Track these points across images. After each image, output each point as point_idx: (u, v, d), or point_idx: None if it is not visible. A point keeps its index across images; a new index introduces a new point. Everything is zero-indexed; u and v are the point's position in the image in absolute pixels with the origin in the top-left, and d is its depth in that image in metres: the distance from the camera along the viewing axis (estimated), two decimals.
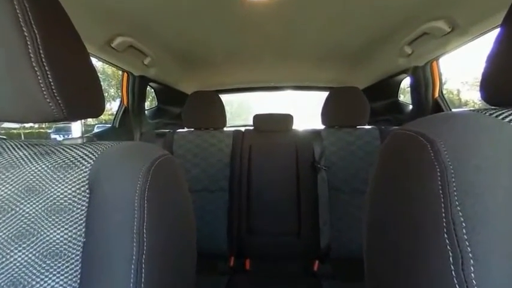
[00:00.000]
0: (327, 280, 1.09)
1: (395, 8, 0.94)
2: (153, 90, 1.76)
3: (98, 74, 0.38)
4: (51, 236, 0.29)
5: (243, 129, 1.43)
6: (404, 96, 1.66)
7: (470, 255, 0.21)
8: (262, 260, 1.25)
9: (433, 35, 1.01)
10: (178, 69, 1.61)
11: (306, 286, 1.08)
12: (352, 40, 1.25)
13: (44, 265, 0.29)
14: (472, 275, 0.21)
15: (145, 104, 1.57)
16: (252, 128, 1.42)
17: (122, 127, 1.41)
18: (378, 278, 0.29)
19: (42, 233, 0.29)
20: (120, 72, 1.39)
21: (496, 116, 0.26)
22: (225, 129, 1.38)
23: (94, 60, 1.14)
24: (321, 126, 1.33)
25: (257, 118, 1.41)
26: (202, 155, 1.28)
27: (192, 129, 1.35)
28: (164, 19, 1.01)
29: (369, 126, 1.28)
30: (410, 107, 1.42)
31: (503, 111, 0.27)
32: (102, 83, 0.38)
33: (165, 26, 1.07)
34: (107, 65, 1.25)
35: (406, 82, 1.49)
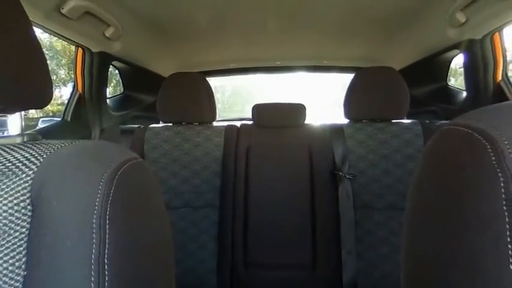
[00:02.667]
0: None
1: None
2: (117, 71, 1.76)
3: (44, 50, 0.38)
4: None
5: (238, 124, 1.43)
6: (456, 79, 1.66)
7: None
8: None
9: None
10: (151, 44, 1.61)
11: None
12: (386, 2, 1.25)
13: None
14: None
15: (108, 90, 1.57)
16: (250, 122, 1.43)
17: (75, 121, 1.40)
18: None
19: None
20: (74, 48, 1.39)
21: None
22: (214, 123, 1.38)
23: (38, 32, 1.14)
24: (344, 121, 1.33)
25: (258, 109, 1.41)
26: (184, 160, 1.27)
27: (170, 124, 1.35)
28: None
29: (409, 121, 1.29)
30: (464, 94, 1.44)
31: None
32: (49, 63, 0.39)
33: None
34: (56, 38, 1.25)
35: (458, 61, 1.50)
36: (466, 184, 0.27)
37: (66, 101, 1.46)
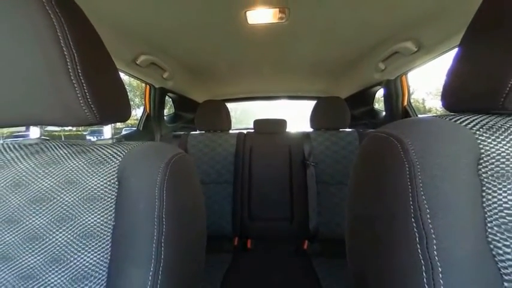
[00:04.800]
0: (315, 257, 1.09)
1: (371, 31, 0.94)
2: (170, 99, 1.76)
3: (125, 86, 0.38)
4: (87, 220, 0.30)
5: (245, 131, 1.43)
6: (379, 104, 1.65)
7: (433, 235, 0.21)
8: (261, 241, 1.24)
9: (403, 54, 1.01)
10: (191, 82, 1.60)
11: (297, 262, 1.08)
12: (336, 58, 1.25)
13: (80, 244, 0.29)
14: (435, 252, 0.21)
15: (164, 110, 1.57)
16: (252, 130, 1.42)
17: (145, 130, 1.41)
18: (357, 257, 0.29)
19: (79, 217, 0.30)
20: (144, 85, 1.39)
21: (455, 121, 0.27)
22: (230, 131, 1.37)
23: (122, 75, 1.15)
24: (310, 129, 1.33)
25: (257, 122, 1.40)
26: (211, 153, 1.27)
27: (203, 132, 1.35)
28: (179, 40, 1.02)
29: (350, 129, 1.27)
30: (384, 113, 1.42)
31: (460, 116, 0.27)
32: (128, 94, 0.38)
33: (180, 46, 1.08)
34: (133, 79, 1.25)
35: (380, 93, 1.49)
36: (385, 169, 0.27)
37: (139, 118, 1.47)
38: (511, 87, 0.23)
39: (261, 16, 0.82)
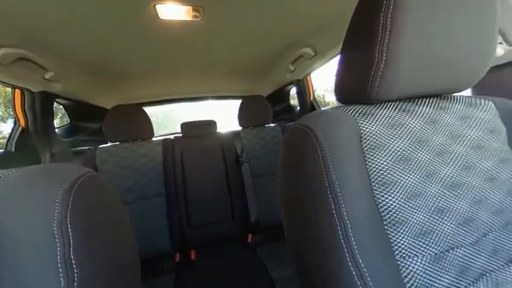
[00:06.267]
0: (259, 247, 1.15)
1: (278, 37, 1.07)
2: (62, 106, 1.35)
3: None
4: None
5: (172, 137, 1.30)
6: (294, 100, 1.89)
7: (342, 202, 0.27)
8: (205, 247, 1.19)
9: (305, 57, 1.21)
10: (92, 84, 1.29)
11: (244, 257, 1.10)
12: (254, 60, 1.34)
13: None
14: (345, 213, 0.26)
15: (55, 121, 1.19)
16: (180, 135, 1.32)
17: (21, 151, 1.02)
18: (292, 234, 0.32)
19: None
20: (9, 89, 1.00)
21: (344, 111, 0.34)
22: (153, 139, 1.22)
23: None
24: (239, 128, 1.37)
25: (184, 126, 1.31)
26: (133, 166, 1.09)
27: (117, 143, 1.13)
28: (69, 32, 0.79)
29: (273, 124, 1.39)
30: (298, 108, 1.62)
31: (347, 107, 0.35)
32: None
33: (71, 39, 0.85)
34: None
35: (293, 91, 1.71)
36: (304, 155, 0.30)
37: (7, 135, 1.04)
38: (371, 85, 0.32)
39: (172, 12, 0.77)
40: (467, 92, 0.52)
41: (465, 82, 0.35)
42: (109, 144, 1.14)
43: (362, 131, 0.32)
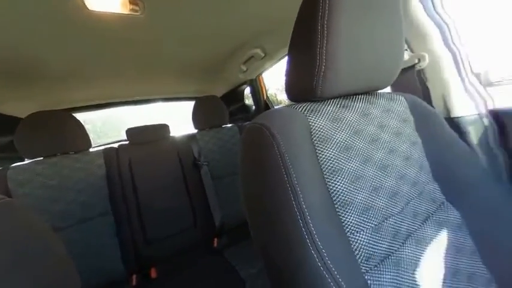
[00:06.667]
0: (226, 249, 1.13)
1: (227, 37, 1.06)
2: None
3: None
4: None
5: (116, 145, 1.14)
6: (248, 100, 1.92)
7: (299, 192, 0.28)
8: (167, 262, 1.09)
9: (256, 58, 1.24)
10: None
11: (211, 263, 1.07)
12: (204, 59, 1.29)
13: None
14: (303, 203, 0.28)
15: None
16: (127, 142, 1.17)
17: None
18: (257, 230, 0.32)
19: None
20: None
21: (295, 108, 0.37)
22: (91, 150, 1.04)
23: None
24: (195, 130, 1.31)
25: (130, 132, 1.17)
26: (66, 185, 0.91)
27: (40, 159, 0.92)
28: None
29: (230, 125, 1.38)
30: (254, 107, 1.66)
31: (298, 105, 0.38)
32: None
33: None
34: None
35: (247, 90, 1.73)
36: (260, 153, 0.31)
37: None
38: (316, 84, 0.35)
39: (103, 3, 0.67)
40: (388, 89, 0.63)
41: (385, 81, 0.42)
42: (27, 161, 0.92)
43: (311, 126, 0.35)
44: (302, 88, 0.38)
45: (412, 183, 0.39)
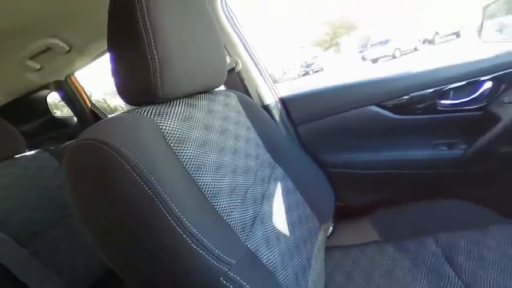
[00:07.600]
0: None
1: (12, 20, 0.65)
2: None
3: None
4: None
5: None
6: (62, 111, 1.39)
7: (168, 198, 0.26)
8: None
9: (58, 52, 0.89)
10: None
11: None
12: None
13: None
14: (177, 210, 0.26)
15: None
16: None
17: None
18: (138, 267, 0.27)
19: None
20: None
21: (140, 113, 0.32)
22: None
23: None
24: None
25: None
26: None
27: None
28: None
29: (32, 152, 0.88)
30: (75, 119, 1.24)
31: (142, 109, 0.34)
32: None
33: None
34: None
35: (53, 98, 1.23)
36: (106, 176, 0.25)
37: None
38: (155, 85, 0.33)
39: None
40: (223, 87, 0.75)
41: (219, 80, 0.49)
42: None
43: (163, 130, 0.33)
44: (139, 90, 0.34)
45: (255, 158, 0.51)
